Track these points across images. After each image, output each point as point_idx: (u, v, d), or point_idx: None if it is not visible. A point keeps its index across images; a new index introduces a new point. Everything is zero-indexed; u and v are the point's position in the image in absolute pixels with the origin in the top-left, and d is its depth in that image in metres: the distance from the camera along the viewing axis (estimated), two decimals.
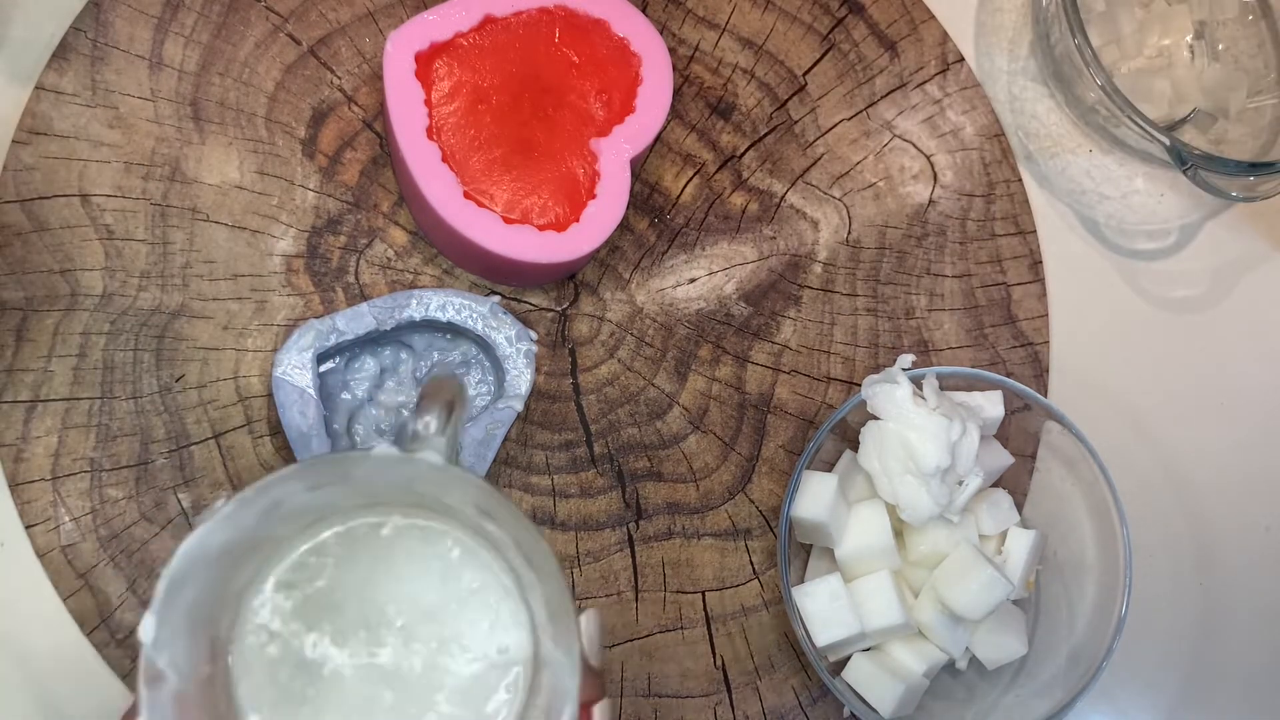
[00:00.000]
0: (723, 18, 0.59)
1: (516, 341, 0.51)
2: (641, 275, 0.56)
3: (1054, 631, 0.55)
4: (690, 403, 0.56)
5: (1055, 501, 0.56)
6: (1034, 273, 0.60)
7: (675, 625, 0.54)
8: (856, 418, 0.53)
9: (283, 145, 0.54)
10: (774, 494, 0.56)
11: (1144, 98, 0.60)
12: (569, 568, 0.53)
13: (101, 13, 0.53)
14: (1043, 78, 0.63)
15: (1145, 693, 0.59)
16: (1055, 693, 0.52)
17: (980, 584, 0.50)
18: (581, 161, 0.52)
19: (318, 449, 0.48)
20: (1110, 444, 0.54)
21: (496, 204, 0.50)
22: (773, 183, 0.58)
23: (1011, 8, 0.63)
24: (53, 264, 0.52)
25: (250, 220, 0.53)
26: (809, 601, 0.51)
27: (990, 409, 0.53)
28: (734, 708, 0.54)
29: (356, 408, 0.52)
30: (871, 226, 0.59)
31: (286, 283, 0.53)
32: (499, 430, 0.51)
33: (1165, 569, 0.60)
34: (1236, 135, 0.61)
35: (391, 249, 0.54)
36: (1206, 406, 0.62)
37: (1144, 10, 0.62)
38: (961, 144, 0.60)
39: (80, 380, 0.51)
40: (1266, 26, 0.63)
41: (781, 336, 0.57)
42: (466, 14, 0.51)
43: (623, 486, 0.55)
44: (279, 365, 0.49)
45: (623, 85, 0.52)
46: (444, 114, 0.51)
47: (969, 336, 0.59)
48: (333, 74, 0.55)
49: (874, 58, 0.60)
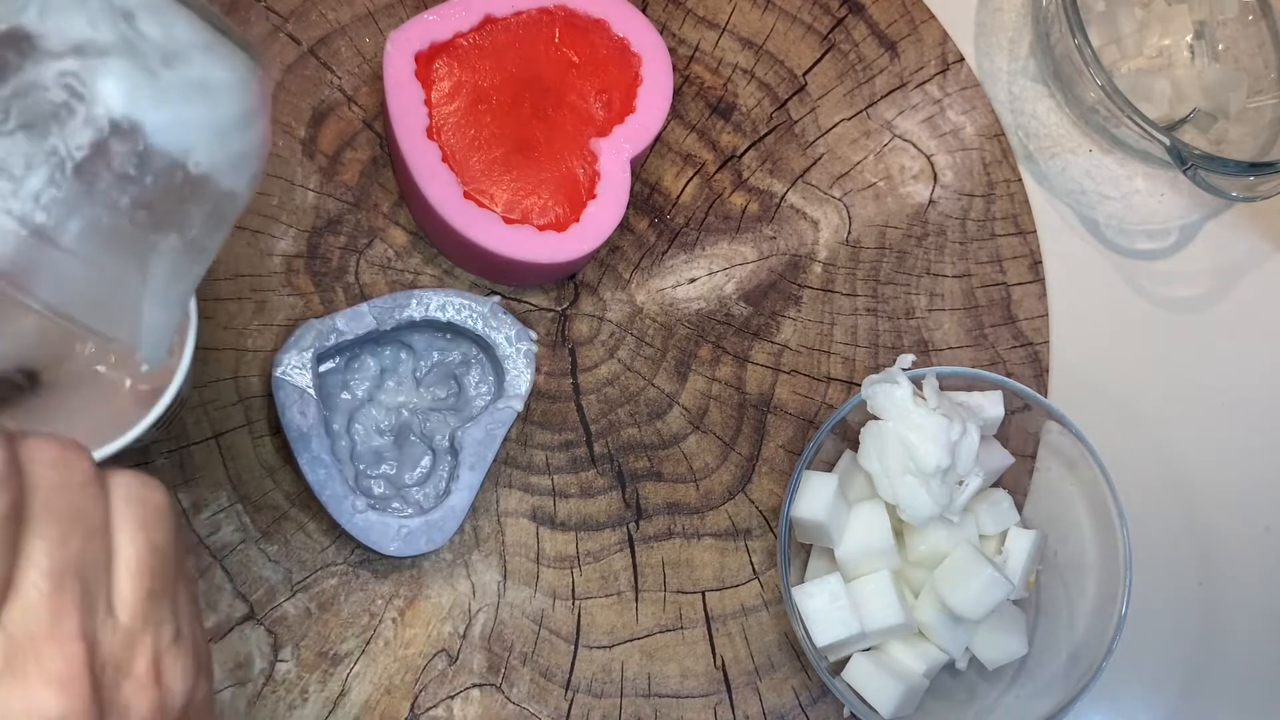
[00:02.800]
0: (723, 18, 0.59)
1: (516, 341, 0.51)
2: (641, 275, 0.56)
3: (1054, 631, 0.55)
4: (690, 403, 0.56)
5: (1055, 501, 0.56)
6: (1034, 273, 0.60)
7: (675, 625, 0.54)
8: (856, 418, 0.53)
9: (283, 145, 0.54)
10: (774, 494, 0.56)
11: (1144, 98, 0.60)
12: (569, 568, 0.53)
13: None
14: (1043, 78, 0.63)
15: (1145, 693, 0.59)
16: (1055, 693, 0.52)
17: (980, 584, 0.50)
18: (581, 161, 0.52)
19: (318, 449, 0.48)
20: (1110, 444, 0.54)
21: (496, 204, 0.50)
22: (773, 183, 0.58)
23: (1011, 8, 0.63)
24: None
25: (250, 220, 0.53)
26: (809, 601, 0.51)
27: (990, 409, 0.53)
28: (734, 708, 0.54)
29: (356, 408, 0.52)
30: (871, 226, 0.59)
31: (286, 283, 0.53)
32: (499, 430, 0.51)
33: (1165, 569, 0.60)
34: (1236, 135, 0.61)
35: (391, 249, 0.54)
36: (1206, 406, 0.62)
37: (1144, 10, 0.62)
38: (961, 144, 0.60)
39: None
40: (1266, 26, 0.63)
41: (781, 336, 0.57)
42: (466, 14, 0.51)
43: (623, 486, 0.55)
44: (279, 365, 0.49)
45: (623, 85, 0.52)
46: (444, 114, 0.51)
47: (969, 336, 0.59)
48: (333, 74, 0.55)
49: (874, 58, 0.60)
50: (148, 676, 0.31)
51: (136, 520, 0.32)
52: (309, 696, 0.50)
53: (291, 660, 0.50)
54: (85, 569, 0.30)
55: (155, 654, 0.32)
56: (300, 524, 0.51)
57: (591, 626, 0.53)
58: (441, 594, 0.52)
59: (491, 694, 0.52)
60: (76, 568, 0.30)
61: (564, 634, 0.53)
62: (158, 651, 0.32)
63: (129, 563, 0.31)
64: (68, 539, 0.30)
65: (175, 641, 0.32)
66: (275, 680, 0.50)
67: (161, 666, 0.32)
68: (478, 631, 0.52)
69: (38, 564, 0.29)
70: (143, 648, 0.31)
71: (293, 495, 0.51)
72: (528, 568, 0.53)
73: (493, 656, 0.52)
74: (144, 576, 0.32)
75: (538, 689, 0.52)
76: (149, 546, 0.32)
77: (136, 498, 0.32)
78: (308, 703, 0.50)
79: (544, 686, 0.52)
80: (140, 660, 0.31)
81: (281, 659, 0.50)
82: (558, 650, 0.53)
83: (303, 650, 0.50)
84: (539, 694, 0.52)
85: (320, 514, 0.51)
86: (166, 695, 0.32)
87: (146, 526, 0.32)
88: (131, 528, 0.32)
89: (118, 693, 0.30)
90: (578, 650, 0.53)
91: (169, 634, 0.32)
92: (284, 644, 0.50)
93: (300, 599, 0.51)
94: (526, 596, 0.53)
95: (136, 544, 0.32)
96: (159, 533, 0.32)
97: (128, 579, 0.31)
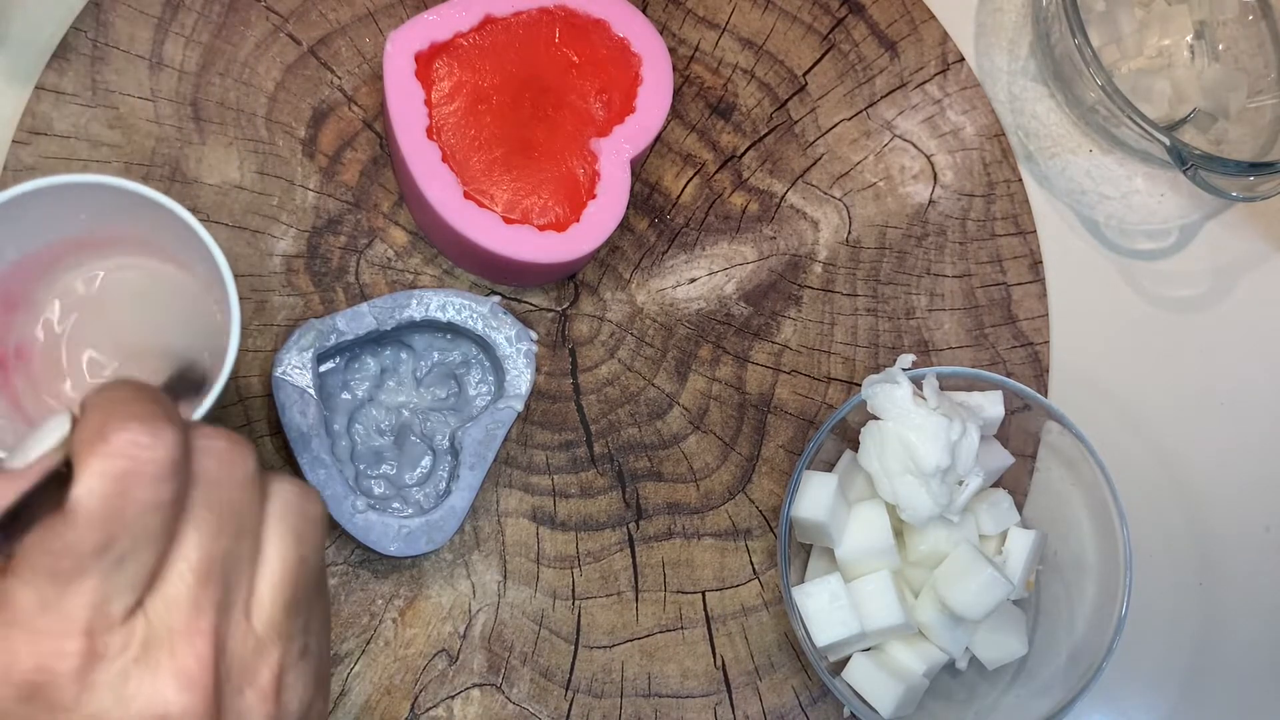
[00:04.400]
0: (723, 18, 0.59)
1: (516, 341, 0.51)
2: (641, 275, 0.56)
3: (1054, 631, 0.55)
4: (690, 403, 0.56)
5: (1055, 501, 0.56)
6: (1034, 273, 0.60)
7: (675, 625, 0.54)
8: (856, 418, 0.53)
9: (283, 145, 0.54)
10: (774, 494, 0.56)
11: (1144, 98, 0.60)
12: (569, 568, 0.53)
13: (101, 13, 0.53)
14: (1043, 78, 0.63)
15: (1145, 693, 0.59)
16: (1055, 693, 0.52)
17: (980, 584, 0.50)
18: (581, 161, 0.52)
19: (318, 449, 0.48)
20: (1110, 444, 0.54)
21: (496, 204, 0.50)
22: (773, 183, 0.58)
23: (1011, 8, 0.63)
24: None
25: (250, 220, 0.53)
26: (809, 601, 0.51)
27: (990, 409, 0.53)
28: (734, 708, 0.54)
29: (356, 408, 0.52)
30: (871, 226, 0.59)
31: (287, 283, 0.53)
32: (499, 430, 0.51)
33: (1165, 569, 0.60)
34: (1236, 135, 0.61)
35: (391, 249, 0.54)
36: (1206, 406, 0.62)
37: (1144, 10, 0.62)
38: (961, 144, 0.60)
39: None
40: (1266, 26, 0.63)
41: (781, 336, 0.57)
42: (466, 14, 0.51)
43: (623, 486, 0.55)
44: (279, 365, 0.49)
45: (623, 85, 0.52)
46: (444, 114, 0.51)
47: (969, 336, 0.59)
48: (333, 74, 0.55)
49: (874, 58, 0.60)
50: (270, 689, 0.31)
51: (290, 529, 0.32)
52: None
53: None
54: (230, 569, 0.30)
55: (281, 667, 0.31)
56: None
57: (591, 626, 0.53)
58: (441, 594, 0.52)
59: (491, 694, 0.52)
60: (223, 566, 0.30)
61: (564, 634, 0.53)
62: (284, 665, 0.31)
63: (274, 571, 0.31)
64: (220, 535, 0.30)
65: (302, 658, 0.32)
66: None
67: (284, 682, 0.31)
68: (478, 631, 0.52)
69: (187, 556, 0.29)
70: (270, 659, 0.31)
71: None
72: (528, 568, 0.53)
73: (493, 656, 0.52)
74: (286, 588, 0.31)
75: (538, 689, 0.52)
76: (297, 558, 0.32)
77: (294, 507, 0.32)
78: None
79: (544, 686, 0.52)
80: (265, 671, 0.31)
81: None
82: (558, 650, 0.53)
83: None
84: (539, 694, 0.52)
85: None
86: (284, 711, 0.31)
87: (298, 537, 0.32)
88: (283, 536, 0.31)
89: (238, 699, 0.30)
90: (578, 650, 0.53)
91: (297, 649, 0.32)
92: None
93: None
94: (526, 596, 0.53)
95: (285, 553, 0.31)
96: (309, 546, 0.32)
97: (269, 588, 0.31)
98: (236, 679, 0.30)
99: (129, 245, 0.48)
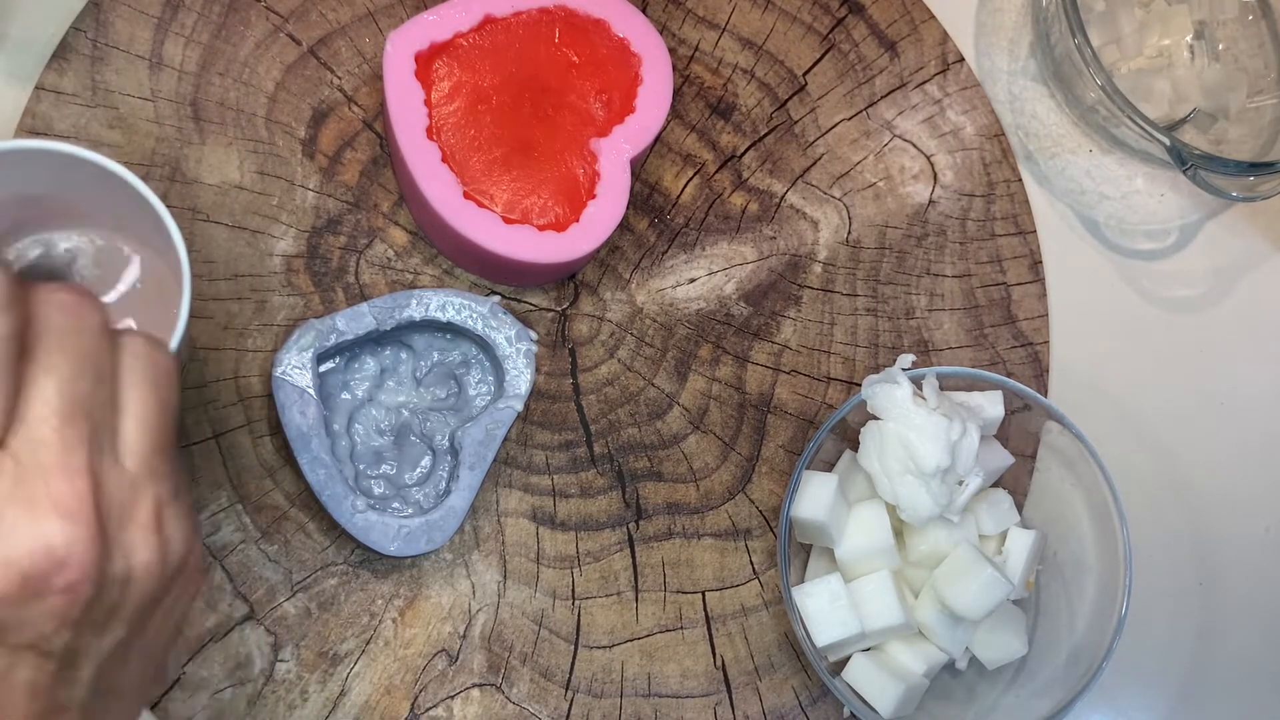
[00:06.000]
0: (723, 18, 0.59)
1: (516, 341, 0.51)
2: (641, 275, 0.56)
3: (1054, 631, 0.55)
4: (690, 403, 0.56)
5: (1055, 501, 0.56)
6: (1034, 273, 0.60)
7: (675, 625, 0.54)
8: (856, 418, 0.53)
9: (283, 145, 0.54)
10: (774, 494, 0.56)
11: (1144, 98, 0.60)
12: (569, 568, 0.53)
13: (101, 13, 0.53)
14: (1043, 78, 0.63)
15: (1145, 693, 0.59)
16: (1055, 693, 0.52)
17: (980, 584, 0.50)
18: (581, 161, 0.52)
19: (318, 449, 0.48)
20: (1110, 444, 0.54)
21: (496, 204, 0.50)
22: (773, 183, 0.58)
23: (1011, 8, 0.63)
24: None
25: (250, 220, 0.53)
26: (809, 601, 0.51)
27: (990, 409, 0.53)
28: (734, 708, 0.54)
29: (356, 408, 0.52)
30: (871, 226, 0.59)
31: (286, 283, 0.53)
32: (499, 430, 0.51)
33: (1165, 569, 0.60)
34: (1236, 135, 0.61)
35: (391, 249, 0.54)
36: (1206, 407, 0.62)
37: (1144, 10, 0.62)
38: (961, 144, 0.60)
39: None
40: (1266, 26, 0.63)
41: (781, 336, 0.57)
42: (466, 14, 0.51)
43: (623, 486, 0.55)
44: (279, 365, 0.49)
45: (623, 85, 0.52)
46: (444, 114, 0.51)
47: (969, 336, 0.59)
48: (333, 74, 0.55)
49: (874, 58, 0.60)
50: (151, 524, 0.31)
51: (146, 376, 0.32)
52: (309, 696, 0.50)
53: (292, 660, 0.50)
54: (94, 411, 0.31)
55: (158, 504, 0.32)
56: (300, 524, 0.51)
57: (591, 626, 0.53)
58: (441, 594, 0.52)
59: (491, 694, 0.52)
60: (86, 408, 0.30)
61: (564, 634, 0.53)
62: (160, 502, 0.32)
63: (137, 414, 0.32)
64: (77, 379, 0.30)
65: (176, 498, 0.33)
66: (275, 680, 0.50)
67: (164, 517, 0.32)
68: (478, 631, 0.52)
69: (47, 399, 0.30)
70: (147, 496, 0.32)
71: (293, 495, 0.51)
72: (528, 568, 0.53)
73: (493, 656, 0.52)
74: (152, 429, 0.32)
75: (538, 689, 0.52)
76: (157, 402, 0.32)
77: (146, 355, 0.33)
78: (308, 703, 0.50)
79: (544, 686, 0.52)
80: (144, 508, 0.31)
81: (281, 659, 0.50)
82: (558, 650, 0.53)
83: (303, 650, 0.50)
84: (539, 694, 0.52)
85: (320, 514, 0.51)
86: (168, 545, 0.32)
87: (154, 383, 0.32)
88: (140, 381, 0.32)
89: (122, 534, 0.31)
90: (578, 650, 0.53)
91: (170, 489, 0.32)
92: (284, 644, 0.50)
93: (300, 599, 0.51)
94: (526, 596, 0.53)
95: (145, 396, 0.32)
96: (166, 391, 0.33)
97: (135, 429, 0.32)
98: (118, 515, 0.31)
99: (82, 219, 0.47)
